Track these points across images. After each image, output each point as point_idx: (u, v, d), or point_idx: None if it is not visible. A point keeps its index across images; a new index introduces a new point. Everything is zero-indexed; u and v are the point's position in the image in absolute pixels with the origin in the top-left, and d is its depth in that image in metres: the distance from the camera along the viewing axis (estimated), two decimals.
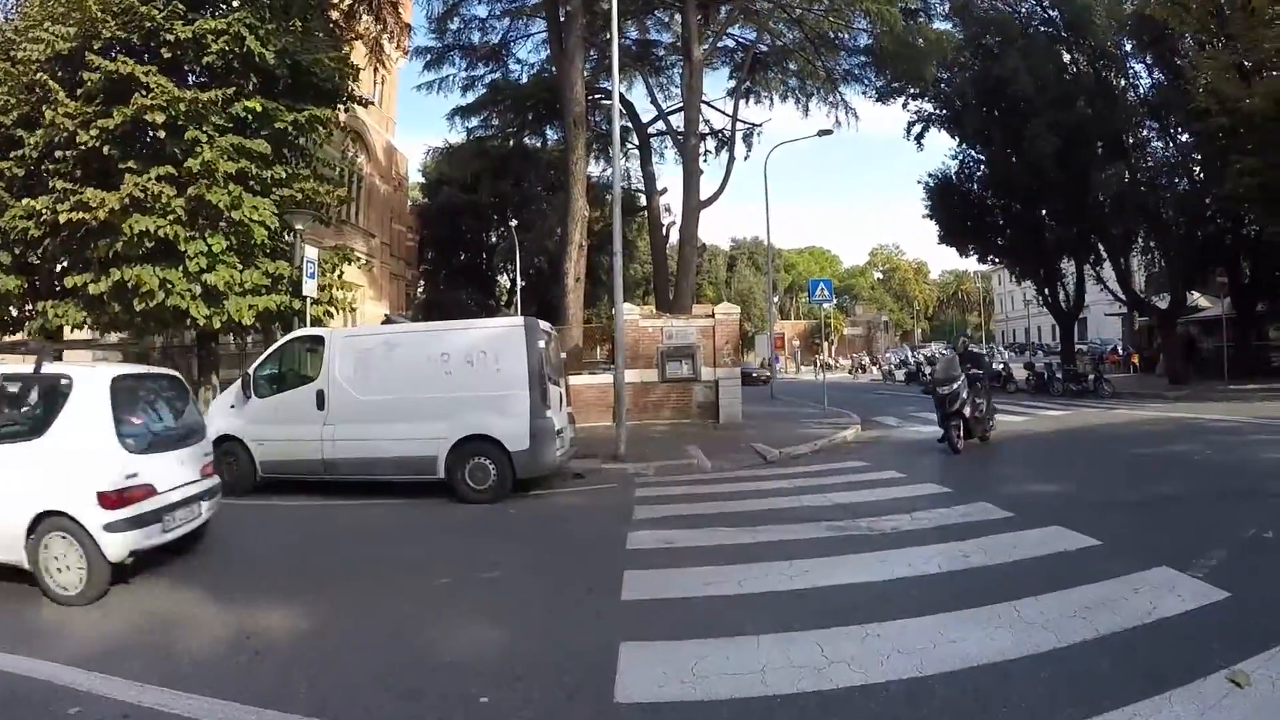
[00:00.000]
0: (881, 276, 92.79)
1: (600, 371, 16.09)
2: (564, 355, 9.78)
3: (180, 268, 11.18)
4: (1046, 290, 24.86)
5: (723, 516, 6.42)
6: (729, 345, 15.14)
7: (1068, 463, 9.20)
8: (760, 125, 28.14)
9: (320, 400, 7.97)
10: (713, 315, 15.36)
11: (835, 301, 15.41)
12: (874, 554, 5.05)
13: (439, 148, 26.41)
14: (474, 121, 25.96)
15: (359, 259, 26.63)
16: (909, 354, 38.37)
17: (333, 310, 13.50)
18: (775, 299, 40.47)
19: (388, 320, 13.28)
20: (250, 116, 12.10)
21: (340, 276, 13.96)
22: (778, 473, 8.92)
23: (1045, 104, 19.60)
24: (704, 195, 20.17)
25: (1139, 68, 21.27)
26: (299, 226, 11.42)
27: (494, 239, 35.03)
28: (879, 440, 12.27)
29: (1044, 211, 22.39)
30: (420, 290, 36.48)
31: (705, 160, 25.44)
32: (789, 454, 10.41)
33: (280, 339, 9.04)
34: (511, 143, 28.44)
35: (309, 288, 10.96)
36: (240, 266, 11.78)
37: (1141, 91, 21.16)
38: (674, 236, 23.53)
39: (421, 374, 7.77)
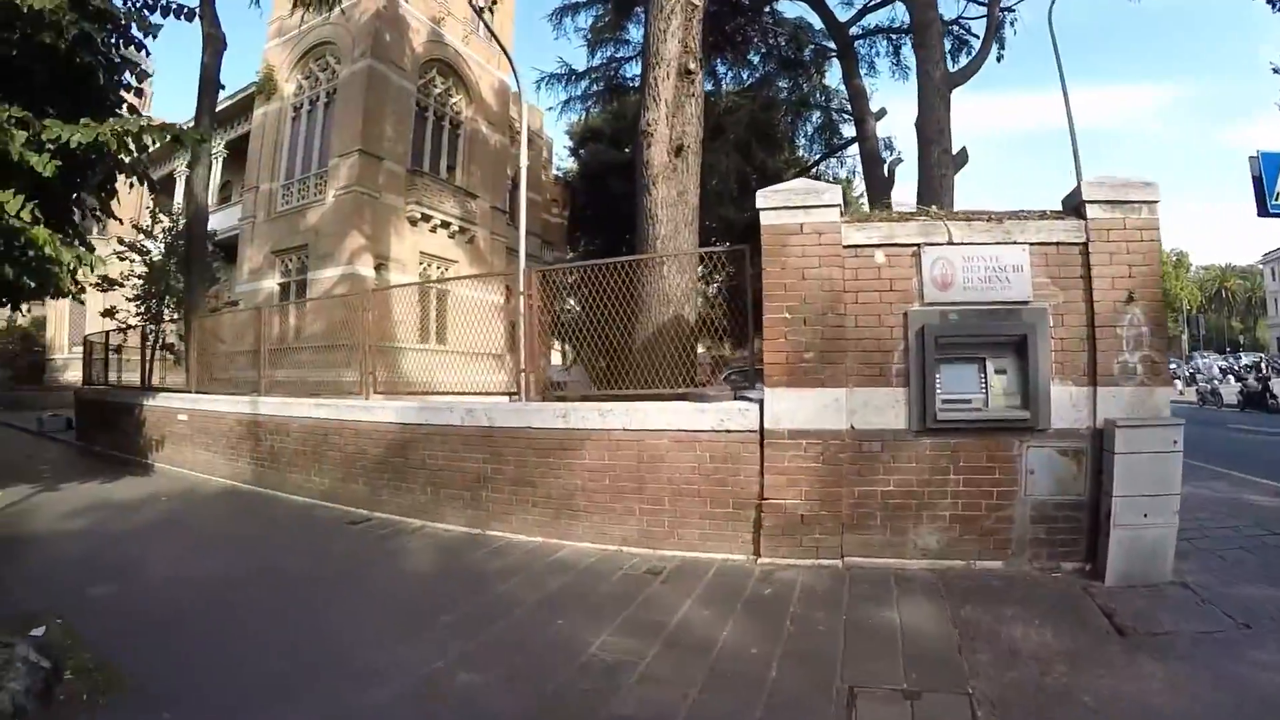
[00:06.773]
0: None
1: (731, 391, 5.39)
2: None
3: None
4: None
5: None
6: (1138, 306, 4.38)
7: None
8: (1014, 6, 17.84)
9: None
10: (1079, 207, 4.49)
11: None
12: None
13: (555, 73, 19.20)
14: (603, 35, 18.72)
15: (439, 220, 19.85)
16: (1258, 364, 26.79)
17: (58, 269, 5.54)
18: None
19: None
20: None
21: (126, 186, 6.69)
22: None
23: None
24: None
25: None
26: None
27: None
28: None
29: None
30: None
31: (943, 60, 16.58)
32: None
33: None
34: None
35: None
36: None
37: None
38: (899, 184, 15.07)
39: None
